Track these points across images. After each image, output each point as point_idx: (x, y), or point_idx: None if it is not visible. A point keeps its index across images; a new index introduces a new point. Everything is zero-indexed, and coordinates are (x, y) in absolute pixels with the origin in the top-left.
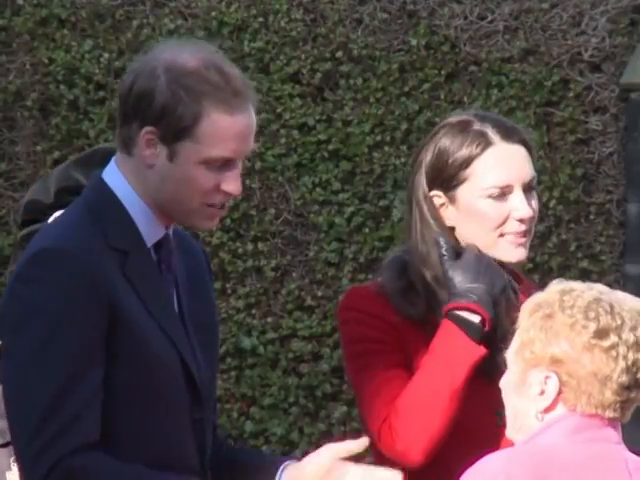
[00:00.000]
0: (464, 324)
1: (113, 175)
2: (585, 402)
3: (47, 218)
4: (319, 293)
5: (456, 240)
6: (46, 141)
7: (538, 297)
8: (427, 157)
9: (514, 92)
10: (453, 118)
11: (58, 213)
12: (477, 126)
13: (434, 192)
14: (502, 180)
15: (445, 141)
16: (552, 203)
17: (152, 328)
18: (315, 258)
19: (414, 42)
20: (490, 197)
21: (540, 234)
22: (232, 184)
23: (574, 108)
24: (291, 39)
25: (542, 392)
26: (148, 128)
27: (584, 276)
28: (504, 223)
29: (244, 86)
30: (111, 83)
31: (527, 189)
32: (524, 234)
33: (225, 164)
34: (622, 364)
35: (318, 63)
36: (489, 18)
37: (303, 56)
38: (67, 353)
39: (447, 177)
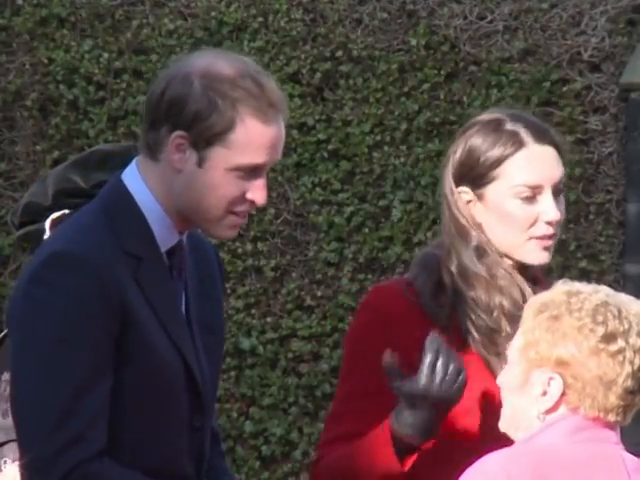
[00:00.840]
0: (396, 438)
1: (133, 178)
2: (589, 405)
3: (44, 219)
4: (319, 293)
5: (485, 236)
6: (46, 141)
7: (543, 297)
8: (457, 153)
9: (514, 92)
10: (485, 116)
11: (56, 215)
12: (509, 126)
13: (462, 188)
14: (533, 180)
15: (477, 139)
16: None
17: (160, 334)
18: (315, 258)
19: (414, 42)
20: (519, 198)
21: None
22: (258, 193)
23: (573, 108)
24: (291, 39)
25: (544, 393)
26: (179, 132)
27: (584, 276)
28: (532, 225)
29: (279, 97)
30: (111, 83)
31: (556, 191)
32: (550, 237)
33: (253, 172)
34: (628, 369)
35: (318, 63)
36: (489, 18)
37: (303, 56)
38: (79, 357)
39: (477, 175)
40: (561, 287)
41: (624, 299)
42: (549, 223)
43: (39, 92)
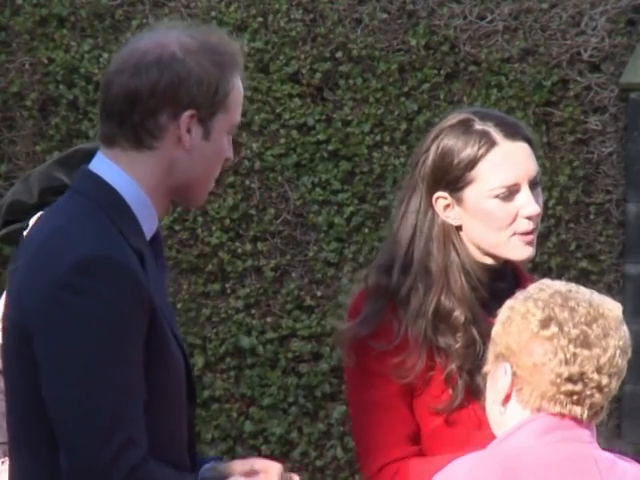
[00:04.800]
0: None
1: (108, 170)
2: (529, 392)
3: (29, 218)
4: (318, 293)
5: (461, 240)
6: (46, 141)
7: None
8: (429, 159)
9: (513, 92)
10: (453, 118)
11: (42, 212)
12: (479, 125)
13: (439, 193)
14: (509, 179)
15: (448, 142)
16: (552, 203)
17: (168, 331)
18: (314, 258)
19: (414, 42)
20: (497, 197)
21: (540, 234)
22: (230, 150)
23: (574, 108)
24: (290, 39)
25: (503, 384)
26: (190, 112)
27: (583, 276)
28: (513, 222)
29: (239, 50)
30: None
31: (532, 185)
32: (532, 232)
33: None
34: (560, 356)
35: (317, 63)
36: (488, 18)
37: (302, 56)
38: (124, 362)
39: (452, 179)
40: (536, 283)
41: (593, 296)
42: (529, 217)
43: (39, 92)
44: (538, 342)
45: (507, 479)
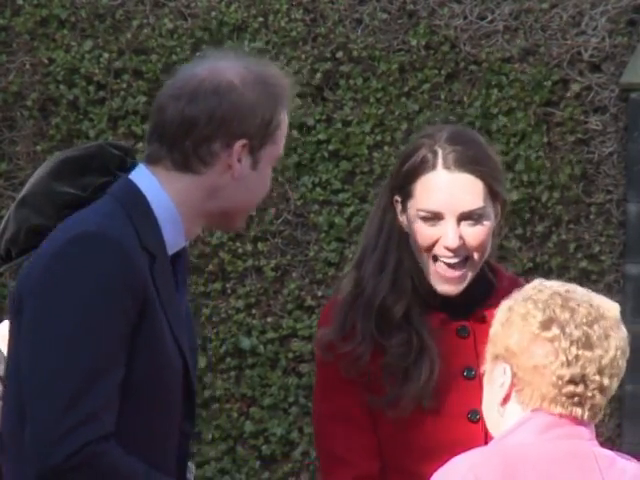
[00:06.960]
0: None
1: (146, 181)
2: (529, 395)
3: None
4: (319, 293)
5: (411, 247)
6: (46, 141)
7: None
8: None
9: (514, 92)
10: (430, 129)
11: None
12: (436, 145)
13: (396, 197)
14: (431, 206)
15: (407, 149)
16: (552, 203)
17: (168, 334)
18: (315, 258)
19: (414, 42)
20: (422, 219)
21: (540, 234)
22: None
23: (574, 108)
24: (291, 39)
25: (502, 384)
26: (242, 141)
27: (584, 276)
28: (432, 246)
29: (289, 83)
30: (111, 83)
31: (465, 219)
32: (454, 266)
33: None
34: (562, 357)
35: (318, 63)
36: (489, 18)
37: (303, 56)
38: (98, 339)
39: (400, 186)
40: (532, 283)
41: (591, 296)
42: (447, 248)
43: (39, 92)
44: (539, 344)
45: (508, 475)
